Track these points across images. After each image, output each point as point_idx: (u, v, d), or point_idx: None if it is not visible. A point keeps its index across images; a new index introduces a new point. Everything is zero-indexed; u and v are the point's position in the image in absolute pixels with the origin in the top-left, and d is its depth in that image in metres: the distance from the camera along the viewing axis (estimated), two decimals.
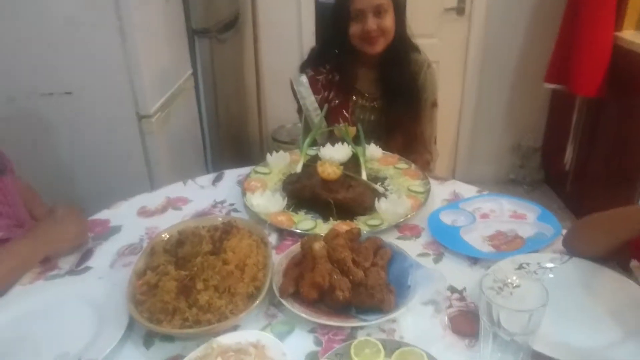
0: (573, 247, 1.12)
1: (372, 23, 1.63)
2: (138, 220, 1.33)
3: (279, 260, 1.10)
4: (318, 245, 1.03)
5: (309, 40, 2.89)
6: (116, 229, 1.29)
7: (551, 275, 1.05)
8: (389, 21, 1.65)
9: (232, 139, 2.87)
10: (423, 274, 1.03)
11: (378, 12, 1.64)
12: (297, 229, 1.23)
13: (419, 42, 1.82)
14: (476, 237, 1.21)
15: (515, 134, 3.31)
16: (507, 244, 1.19)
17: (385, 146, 1.64)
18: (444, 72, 2.86)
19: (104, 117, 1.81)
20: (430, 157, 1.87)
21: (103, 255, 1.19)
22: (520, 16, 3.02)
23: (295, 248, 1.13)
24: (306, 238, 1.08)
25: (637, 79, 2.35)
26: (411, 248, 1.17)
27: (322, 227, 1.24)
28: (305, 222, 1.26)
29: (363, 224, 1.25)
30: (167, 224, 1.22)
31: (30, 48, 1.71)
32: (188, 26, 2.30)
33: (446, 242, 1.19)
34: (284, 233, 1.25)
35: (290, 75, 1.84)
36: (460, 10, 3.05)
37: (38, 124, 1.81)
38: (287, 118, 3.04)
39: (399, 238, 1.23)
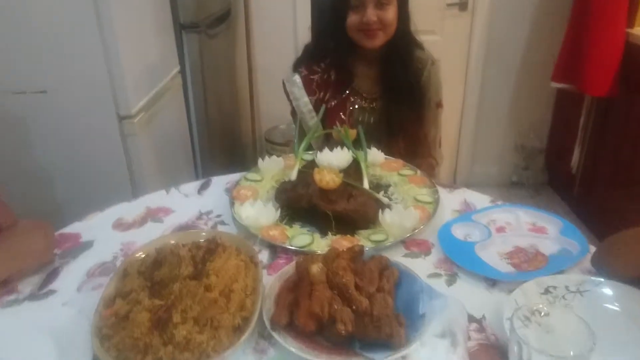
0: (607, 267, 0.98)
1: (372, 14, 1.50)
2: (113, 234, 1.19)
3: (270, 283, 0.96)
4: (316, 268, 0.89)
5: (305, 35, 2.72)
6: (87, 245, 1.15)
7: (583, 301, 0.92)
8: (390, 14, 1.52)
9: (223, 140, 2.73)
10: (436, 300, 0.89)
11: (380, 3, 1.51)
12: (291, 245, 1.09)
13: (420, 38, 1.69)
14: (493, 254, 1.08)
15: (519, 135, 3.18)
16: (528, 262, 1.05)
17: (387, 150, 1.51)
18: (445, 69, 2.69)
19: (82, 117, 1.66)
20: (435, 162, 1.74)
21: (70, 275, 1.05)
22: (526, 11, 2.89)
23: (289, 268, 0.99)
24: (302, 259, 0.94)
25: None
26: (420, 267, 1.03)
27: (320, 243, 1.10)
28: (300, 237, 1.12)
29: (365, 239, 1.11)
30: (145, 238, 1.09)
31: None
32: (175, 20, 2.16)
33: (460, 260, 1.05)
34: (276, 249, 1.11)
35: (283, 73, 1.70)
36: (463, 6, 2.92)
37: (10, 124, 1.66)
38: (282, 118, 2.90)
39: (406, 255, 1.09)
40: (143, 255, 1.00)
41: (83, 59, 1.59)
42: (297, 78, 1.63)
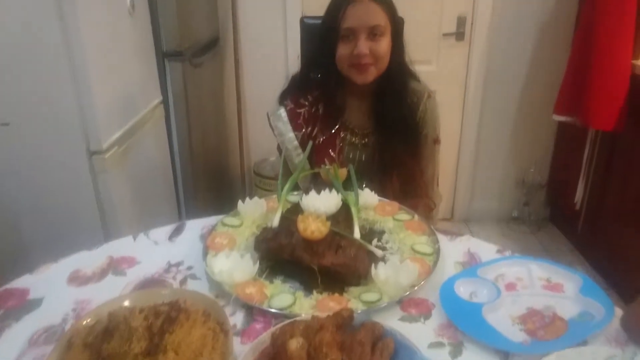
0: None
1: (364, 46, 1.37)
2: (67, 290, 1.03)
3: (243, 356, 0.80)
4: (295, 344, 0.74)
5: (296, 64, 2.64)
6: (35, 304, 0.99)
7: None
8: (384, 46, 1.40)
9: (209, 174, 2.58)
10: None
11: (373, 34, 1.38)
12: (270, 307, 0.94)
13: (415, 69, 1.57)
14: (503, 318, 0.93)
15: (519, 169, 3.05)
16: (544, 329, 0.90)
17: (380, 190, 1.38)
18: (442, 101, 2.57)
19: (47, 152, 1.52)
20: (433, 203, 1.60)
21: (9, 343, 0.89)
22: (525, 41, 2.80)
23: (266, 337, 0.84)
24: (278, 330, 0.79)
25: None
26: (420, 334, 0.89)
27: (303, 304, 0.95)
28: (281, 296, 0.97)
29: (356, 300, 0.96)
30: (103, 295, 0.95)
31: None
32: (158, 48, 2.04)
33: (466, 326, 0.90)
34: (253, 310, 0.96)
35: (274, 103, 1.58)
36: (459, 36, 2.82)
37: None
38: (271, 150, 2.75)
39: (402, 319, 0.94)
40: (92, 322, 0.84)
41: (49, 88, 1.46)
42: (282, 112, 1.51)
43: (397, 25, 1.45)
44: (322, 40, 1.43)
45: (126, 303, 0.87)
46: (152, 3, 1.96)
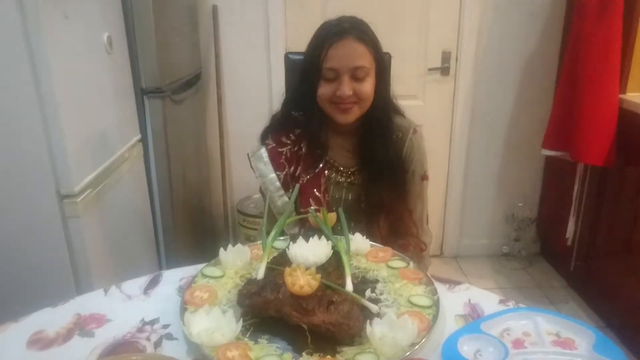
0: None
1: (347, 88, 1.31)
2: (26, 355, 0.92)
3: None
4: None
5: (280, 101, 2.59)
6: None
7: None
8: (367, 87, 1.34)
9: (191, 215, 2.48)
10: None
11: (355, 76, 1.33)
12: None
13: (400, 104, 1.53)
14: None
15: (508, 204, 3.00)
16: None
17: (367, 231, 1.29)
18: (428, 136, 2.52)
19: (14, 196, 1.41)
20: (424, 243, 1.52)
21: None
22: (511, 75, 2.79)
23: None
24: None
25: None
26: None
27: None
28: (267, 359, 0.87)
29: None
30: None
31: None
32: (137, 85, 1.96)
33: None
34: None
35: (255, 142, 1.51)
36: (444, 70, 2.81)
37: None
38: (255, 188, 2.69)
39: None
40: None
41: (16, 127, 1.37)
42: (263, 152, 1.43)
43: (382, 64, 1.40)
44: (303, 78, 1.37)
45: None
46: (130, 39, 1.90)
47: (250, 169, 1.48)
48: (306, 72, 1.36)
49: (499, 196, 3.03)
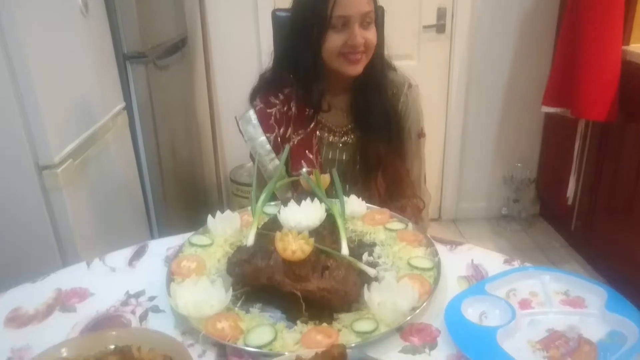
0: None
1: (359, 36, 1.24)
2: (3, 333, 0.87)
3: None
4: None
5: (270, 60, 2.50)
6: None
7: None
8: (373, 35, 1.29)
9: (182, 185, 2.41)
10: None
11: (365, 22, 1.25)
12: (246, 345, 0.79)
13: (394, 64, 1.45)
14: (522, 344, 0.80)
15: (507, 165, 2.93)
16: (571, 356, 0.77)
17: (364, 193, 1.24)
18: (424, 97, 2.47)
19: None
20: (422, 203, 1.47)
21: None
22: (509, 31, 2.68)
23: None
24: None
25: None
26: None
27: (286, 339, 0.80)
28: (259, 330, 0.82)
29: (348, 330, 0.82)
30: (46, 339, 0.79)
31: None
32: (118, 50, 1.86)
33: (480, 357, 0.76)
34: (226, 349, 0.80)
35: (244, 108, 1.43)
36: (440, 28, 2.70)
37: None
38: (247, 156, 2.62)
39: (404, 350, 0.80)
40: None
41: None
42: (251, 114, 1.36)
43: (379, 13, 1.33)
44: (305, 30, 1.28)
45: (64, 353, 0.71)
46: (108, 1, 1.79)
47: (241, 135, 1.41)
48: (308, 24, 1.27)
49: (497, 157, 2.96)
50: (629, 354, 0.75)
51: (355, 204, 1.15)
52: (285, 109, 1.36)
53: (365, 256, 1.01)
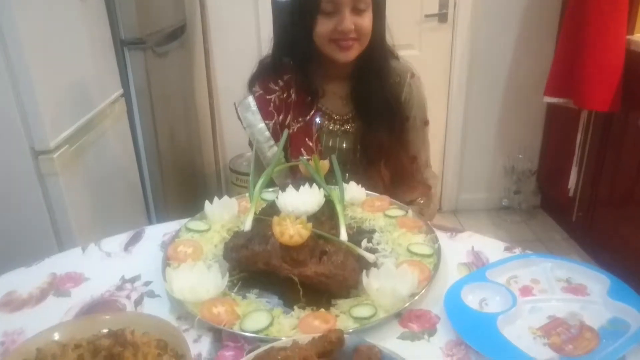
0: None
1: (348, 21, 1.21)
2: None
3: None
4: None
5: (269, 46, 2.47)
6: None
7: None
8: (367, 21, 1.25)
9: (181, 174, 2.39)
10: None
11: (357, 8, 1.22)
12: (242, 330, 0.78)
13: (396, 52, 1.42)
14: (522, 331, 0.79)
15: (508, 156, 2.91)
16: (573, 342, 0.76)
17: (367, 182, 1.22)
18: (426, 87, 2.47)
19: None
20: (429, 185, 1.45)
21: None
22: (511, 21, 2.66)
23: None
24: None
25: None
26: (425, 355, 0.74)
27: (283, 325, 0.79)
28: (256, 315, 0.81)
29: (346, 315, 0.80)
30: (39, 324, 0.77)
31: None
32: (115, 36, 1.84)
33: (480, 343, 0.75)
34: (222, 334, 0.79)
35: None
36: (442, 17, 2.67)
37: None
38: (247, 145, 2.60)
39: (402, 336, 0.79)
40: None
41: None
42: (250, 100, 1.34)
43: (379, 0, 1.30)
44: (296, 16, 1.26)
45: (57, 336, 0.70)
46: None
47: (240, 122, 1.39)
48: (300, 9, 1.25)
49: (498, 148, 2.95)
50: (631, 341, 0.74)
51: (354, 191, 1.14)
52: (284, 95, 1.34)
53: (364, 242, 0.99)
